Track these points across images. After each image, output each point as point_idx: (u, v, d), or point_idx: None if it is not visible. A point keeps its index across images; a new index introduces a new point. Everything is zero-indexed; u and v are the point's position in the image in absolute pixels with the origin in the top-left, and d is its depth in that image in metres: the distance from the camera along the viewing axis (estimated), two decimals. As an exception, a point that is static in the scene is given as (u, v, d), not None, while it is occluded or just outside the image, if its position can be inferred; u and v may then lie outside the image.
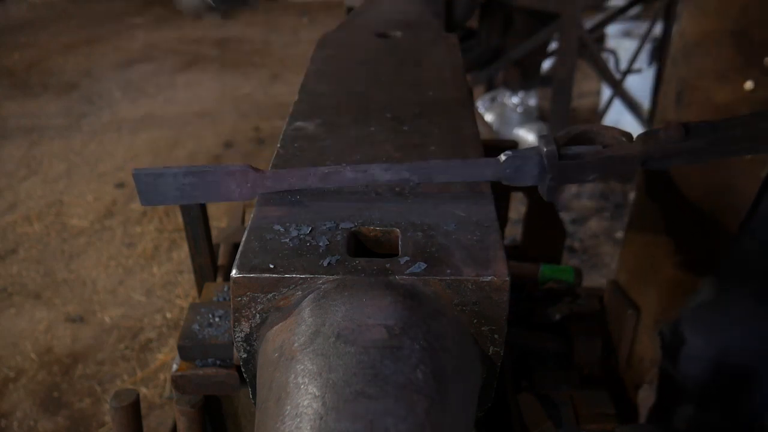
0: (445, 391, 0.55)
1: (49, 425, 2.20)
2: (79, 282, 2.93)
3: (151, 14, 7.39)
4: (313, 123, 0.93)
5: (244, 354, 0.66)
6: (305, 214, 0.71)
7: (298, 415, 0.51)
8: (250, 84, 5.34)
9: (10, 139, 4.30)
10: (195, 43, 6.37)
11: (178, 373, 1.07)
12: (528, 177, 0.74)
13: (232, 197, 0.74)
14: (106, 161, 4.03)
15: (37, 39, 6.43)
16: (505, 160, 0.73)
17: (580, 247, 3.17)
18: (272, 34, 6.76)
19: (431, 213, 0.71)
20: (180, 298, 2.83)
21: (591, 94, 4.83)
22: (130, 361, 2.48)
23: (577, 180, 0.74)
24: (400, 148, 0.86)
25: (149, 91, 5.18)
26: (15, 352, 2.52)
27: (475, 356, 0.64)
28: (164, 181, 0.73)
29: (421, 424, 0.50)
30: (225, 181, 0.73)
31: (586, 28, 3.39)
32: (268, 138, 4.31)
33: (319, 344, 0.56)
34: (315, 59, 1.21)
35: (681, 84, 1.29)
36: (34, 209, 3.49)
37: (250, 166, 0.73)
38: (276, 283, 0.62)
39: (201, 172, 0.73)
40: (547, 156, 0.72)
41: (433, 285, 0.61)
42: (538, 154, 0.73)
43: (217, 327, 1.09)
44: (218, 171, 0.73)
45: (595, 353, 1.41)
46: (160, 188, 0.73)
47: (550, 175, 0.73)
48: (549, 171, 0.73)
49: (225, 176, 0.73)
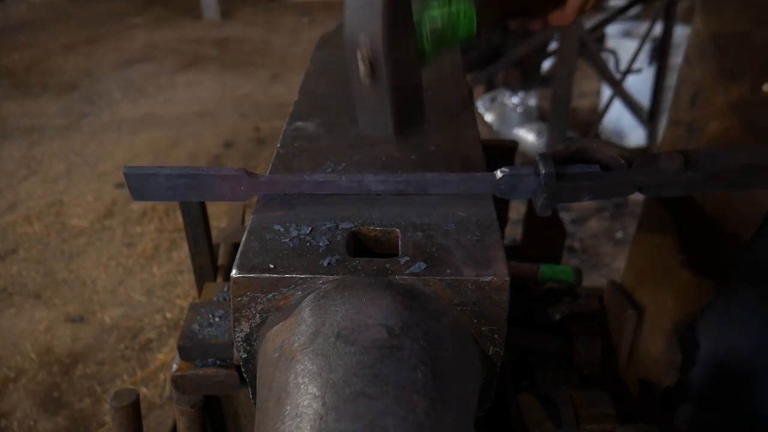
0: (445, 391, 0.55)
1: (49, 425, 2.20)
2: (79, 282, 2.93)
3: (151, 14, 7.39)
4: (313, 123, 0.93)
5: (244, 354, 0.66)
6: (305, 214, 0.71)
7: (298, 415, 0.51)
8: (250, 84, 5.34)
9: (10, 139, 4.30)
10: (195, 43, 6.37)
11: (178, 373, 1.07)
12: (524, 193, 0.75)
13: (225, 198, 0.74)
14: (106, 161, 4.03)
15: (37, 39, 6.43)
16: (501, 177, 0.73)
17: (580, 247, 3.17)
18: (272, 34, 6.76)
19: (431, 213, 0.71)
20: (180, 298, 2.83)
21: (591, 94, 4.83)
22: (130, 361, 2.48)
23: (572, 200, 0.75)
24: (399, 148, 0.86)
25: (149, 91, 5.17)
26: (15, 352, 2.52)
27: (475, 356, 0.64)
28: (156, 181, 0.73)
29: (421, 424, 0.50)
30: (218, 183, 0.73)
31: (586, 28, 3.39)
32: (268, 138, 4.31)
33: (319, 344, 0.56)
34: (315, 59, 1.21)
35: (696, 85, 1.28)
36: (34, 209, 3.49)
37: (245, 171, 0.73)
38: (276, 283, 0.62)
39: (194, 174, 0.73)
40: (544, 177, 0.72)
41: (433, 285, 0.61)
42: (535, 174, 0.73)
43: (217, 327, 1.09)
44: (212, 174, 0.73)
45: (595, 353, 1.41)
46: (152, 186, 0.74)
47: (545, 194, 0.73)
48: (544, 191, 0.73)
49: (218, 180, 0.73)
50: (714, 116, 1.24)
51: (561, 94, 3.34)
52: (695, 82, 1.28)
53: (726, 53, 1.20)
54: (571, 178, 0.73)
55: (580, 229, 3.28)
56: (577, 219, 3.33)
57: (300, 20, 7.31)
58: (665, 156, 0.73)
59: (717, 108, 1.23)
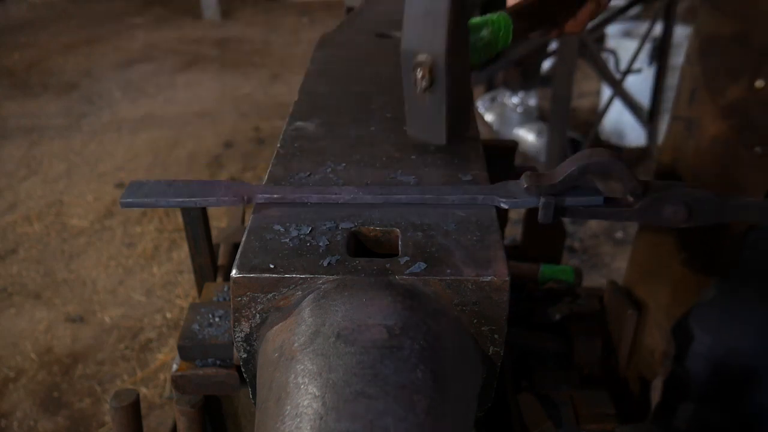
0: (445, 391, 0.55)
1: (49, 425, 2.20)
2: (79, 282, 2.93)
3: (151, 14, 7.39)
4: (313, 123, 0.93)
5: (244, 354, 0.66)
6: (305, 214, 0.71)
7: (298, 415, 0.51)
8: (250, 84, 5.34)
9: (10, 139, 4.30)
10: (195, 43, 6.37)
11: (178, 373, 1.07)
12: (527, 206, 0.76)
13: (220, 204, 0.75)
14: (106, 161, 4.03)
15: (37, 39, 6.43)
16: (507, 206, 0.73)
17: (580, 247, 3.17)
18: (272, 34, 6.76)
19: (431, 213, 0.71)
20: (180, 298, 2.83)
21: (591, 94, 4.83)
22: (130, 361, 2.48)
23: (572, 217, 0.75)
24: (400, 148, 0.86)
25: (149, 91, 5.18)
26: (15, 352, 2.52)
27: (475, 356, 0.64)
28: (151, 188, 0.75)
29: (421, 424, 0.50)
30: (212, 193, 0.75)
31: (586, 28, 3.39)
32: (268, 138, 4.31)
33: (319, 344, 0.56)
34: (315, 59, 1.21)
35: (695, 82, 1.29)
36: (34, 209, 3.49)
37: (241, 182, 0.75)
38: (276, 283, 0.62)
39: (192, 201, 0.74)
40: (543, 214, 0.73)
41: (433, 285, 0.61)
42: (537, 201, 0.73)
43: (217, 327, 1.09)
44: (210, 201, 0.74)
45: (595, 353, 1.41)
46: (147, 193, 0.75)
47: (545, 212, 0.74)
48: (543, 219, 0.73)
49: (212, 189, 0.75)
50: (712, 114, 1.25)
51: (561, 94, 3.34)
52: (695, 79, 1.29)
53: (725, 52, 1.22)
54: (572, 211, 0.73)
55: (580, 229, 3.28)
56: (577, 219, 3.33)
57: (300, 20, 7.31)
58: (670, 208, 0.72)
59: (715, 106, 1.24)
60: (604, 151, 0.71)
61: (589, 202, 0.73)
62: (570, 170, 0.70)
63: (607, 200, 0.74)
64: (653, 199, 0.73)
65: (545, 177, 0.73)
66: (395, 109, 0.97)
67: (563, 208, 0.73)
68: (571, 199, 0.73)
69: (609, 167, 0.70)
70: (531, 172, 0.74)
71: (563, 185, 0.72)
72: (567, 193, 0.72)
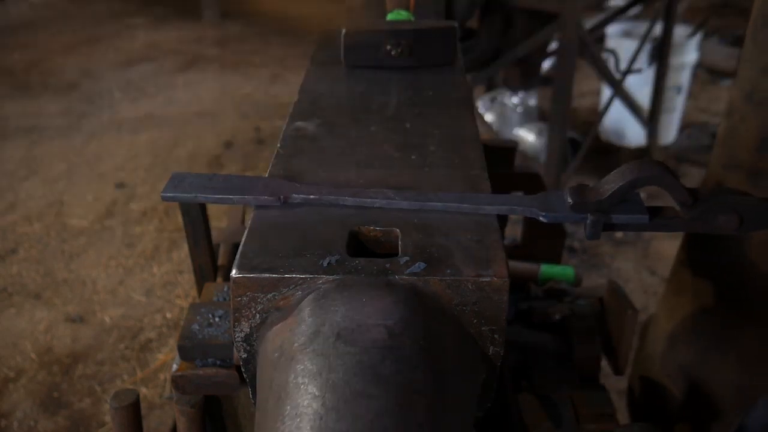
0: (445, 391, 0.55)
1: (49, 425, 2.20)
2: (79, 282, 2.93)
3: (151, 14, 7.39)
4: (313, 123, 0.93)
5: (244, 354, 0.66)
6: (305, 214, 0.71)
7: (298, 415, 0.51)
8: (250, 84, 5.34)
9: (10, 139, 4.30)
10: (195, 43, 6.37)
11: (178, 373, 1.07)
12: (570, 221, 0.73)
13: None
14: (106, 161, 4.03)
15: (37, 39, 6.43)
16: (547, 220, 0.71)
17: (580, 247, 3.17)
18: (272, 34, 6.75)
19: (431, 213, 0.71)
20: (180, 298, 2.83)
21: (591, 94, 4.83)
22: (130, 361, 2.48)
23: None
24: (400, 148, 0.86)
25: (149, 91, 5.17)
26: (15, 352, 2.52)
27: (475, 356, 0.64)
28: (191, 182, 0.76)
29: (421, 424, 0.50)
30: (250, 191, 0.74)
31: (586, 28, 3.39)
32: (268, 138, 4.31)
33: (319, 344, 0.56)
34: (315, 59, 1.21)
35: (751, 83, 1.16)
36: (34, 209, 3.49)
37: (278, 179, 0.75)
38: (276, 283, 0.62)
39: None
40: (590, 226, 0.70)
41: (433, 285, 0.61)
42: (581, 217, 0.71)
43: (217, 327, 1.09)
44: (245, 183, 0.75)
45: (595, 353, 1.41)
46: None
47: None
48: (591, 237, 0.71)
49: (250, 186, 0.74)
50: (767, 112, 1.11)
51: (561, 94, 3.34)
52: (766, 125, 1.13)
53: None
54: (618, 226, 0.71)
55: (580, 229, 3.28)
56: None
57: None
58: (722, 217, 0.70)
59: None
60: (654, 164, 0.68)
61: (637, 221, 0.71)
62: (618, 185, 0.68)
63: (654, 210, 0.71)
64: (704, 208, 0.70)
65: (592, 192, 0.70)
66: (395, 109, 0.97)
67: (611, 225, 0.71)
68: (618, 217, 0.70)
69: (659, 181, 0.68)
70: (576, 186, 0.71)
71: (611, 201, 0.69)
72: (614, 209, 0.70)
